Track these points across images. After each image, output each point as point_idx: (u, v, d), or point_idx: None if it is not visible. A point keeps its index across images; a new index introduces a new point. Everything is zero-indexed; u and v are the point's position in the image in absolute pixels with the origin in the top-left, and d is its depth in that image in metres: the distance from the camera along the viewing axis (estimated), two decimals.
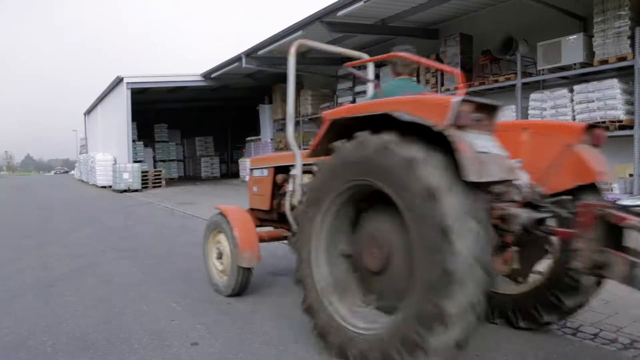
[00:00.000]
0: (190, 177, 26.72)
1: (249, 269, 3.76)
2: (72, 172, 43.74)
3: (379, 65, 14.11)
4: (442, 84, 11.93)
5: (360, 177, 2.46)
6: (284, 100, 19.39)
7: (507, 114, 10.71)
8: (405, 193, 2.20)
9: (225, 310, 3.53)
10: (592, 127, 2.81)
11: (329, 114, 2.77)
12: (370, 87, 4.15)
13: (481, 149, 2.11)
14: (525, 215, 2.47)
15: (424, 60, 3.27)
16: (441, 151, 2.17)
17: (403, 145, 2.23)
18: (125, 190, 17.10)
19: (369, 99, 3.37)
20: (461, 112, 2.10)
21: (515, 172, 2.39)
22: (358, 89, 14.30)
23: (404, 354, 2.18)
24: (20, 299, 3.97)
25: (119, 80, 19.14)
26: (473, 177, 2.03)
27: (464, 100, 2.12)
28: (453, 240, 2.01)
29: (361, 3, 10.20)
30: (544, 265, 2.95)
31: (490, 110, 2.27)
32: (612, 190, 9.05)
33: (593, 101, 8.97)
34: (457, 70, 3.09)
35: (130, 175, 17.41)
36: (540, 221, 2.53)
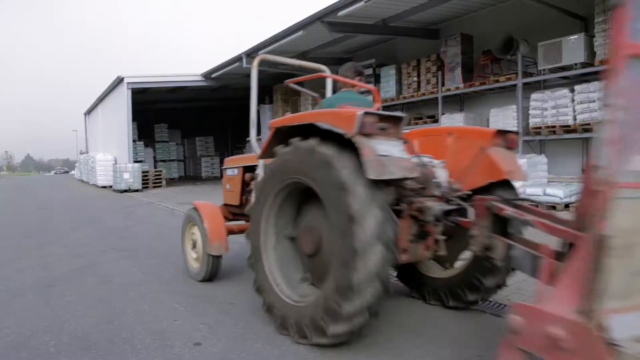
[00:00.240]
0: (191, 177, 26.72)
1: (218, 257, 4.22)
2: (72, 172, 43.75)
3: (379, 65, 14.13)
4: (443, 84, 11.93)
5: (294, 176, 2.91)
6: (284, 100, 19.41)
7: (508, 114, 10.71)
8: (324, 187, 2.68)
9: (227, 310, 3.52)
10: (504, 132, 3.25)
11: (274, 122, 3.21)
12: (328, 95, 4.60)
13: (383, 152, 2.54)
14: (437, 207, 2.93)
15: (341, 78, 3.77)
16: (352, 153, 2.59)
17: (322, 149, 2.67)
18: (125, 190, 17.09)
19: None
20: (365, 122, 2.54)
21: (416, 170, 2.79)
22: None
23: (326, 319, 2.63)
24: (21, 299, 3.95)
25: (119, 81, 19.14)
26: (372, 176, 2.47)
27: (366, 113, 2.55)
28: (358, 224, 2.46)
29: (362, 3, 10.19)
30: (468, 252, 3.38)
31: (395, 121, 2.70)
32: None
33: (594, 101, 8.97)
34: (375, 88, 3.59)
35: (130, 175, 17.40)
36: (449, 212, 2.95)
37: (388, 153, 2.57)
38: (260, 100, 20.13)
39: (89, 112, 30.65)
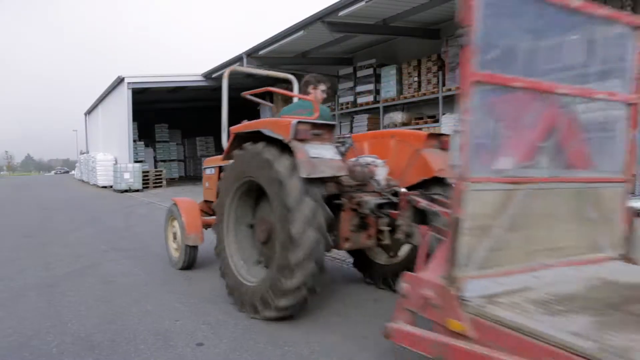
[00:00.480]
0: (191, 177, 26.70)
1: (194, 247, 4.71)
2: (73, 172, 43.74)
3: (380, 65, 14.12)
4: (444, 84, 11.94)
5: (247, 175, 3.40)
6: (285, 100, 19.37)
7: None
8: (268, 183, 3.14)
9: (229, 311, 3.52)
10: (437, 135, 3.70)
11: (233, 129, 3.69)
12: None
13: (315, 155, 3.01)
14: (372, 201, 3.36)
15: (283, 92, 4.41)
16: (290, 155, 3.03)
17: (266, 151, 3.16)
18: (126, 190, 17.10)
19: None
20: (299, 130, 3.03)
21: (345, 169, 3.26)
22: (359, 89, 14.30)
23: (271, 295, 3.08)
24: (23, 299, 3.96)
25: (120, 80, 19.14)
26: (304, 174, 2.92)
27: (299, 122, 3.05)
28: (293, 213, 2.92)
29: (362, 3, 10.18)
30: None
31: (329, 128, 3.23)
32: None
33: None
34: (314, 100, 4.02)
35: (131, 175, 17.41)
36: (381, 205, 3.38)
37: (320, 155, 3.04)
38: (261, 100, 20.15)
39: (89, 112, 30.65)
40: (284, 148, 3.09)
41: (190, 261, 4.77)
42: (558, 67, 2.63)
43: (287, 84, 4.90)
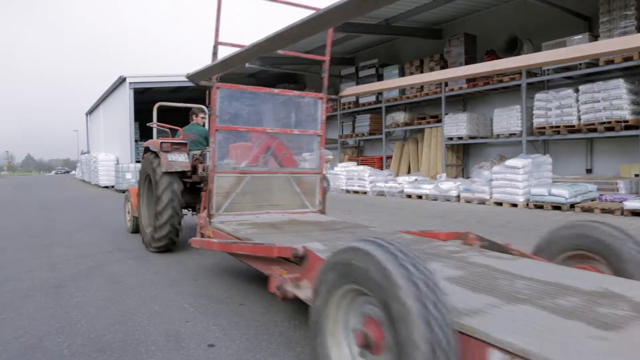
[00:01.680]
0: None
1: (137, 218, 6.85)
2: (73, 172, 43.70)
3: (382, 65, 14.11)
4: (446, 84, 11.94)
5: (146, 171, 5.99)
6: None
7: (512, 114, 10.70)
8: (151, 173, 5.65)
9: (239, 312, 3.52)
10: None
11: (145, 143, 6.12)
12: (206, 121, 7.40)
13: (172, 159, 5.44)
14: None
15: (162, 124, 7.10)
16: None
17: (151, 157, 5.73)
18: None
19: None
20: (162, 145, 5.51)
21: (189, 167, 5.63)
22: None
23: (153, 232, 5.54)
24: (31, 299, 3.95)
25: (121, 80, 19.13)
26: (163, 170, 5.37)
27: (162, 142, 5.53)
28: (157, 184, 5.39)
29: None
30: None
31: (184, 144, 5.78)
32: (617, 190, 9.03)
33: (599, 101, 8.96)
34: (180, 128, 6.76)
35: (132, 175, 17.39)
36: None
37: (175, 159, 5.45)
38: None
39: (90, 111, 30.63)
40: (157, 155, 5.50)
41: (135, 228, 7.05)
42: (276, 119, 5.00)
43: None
